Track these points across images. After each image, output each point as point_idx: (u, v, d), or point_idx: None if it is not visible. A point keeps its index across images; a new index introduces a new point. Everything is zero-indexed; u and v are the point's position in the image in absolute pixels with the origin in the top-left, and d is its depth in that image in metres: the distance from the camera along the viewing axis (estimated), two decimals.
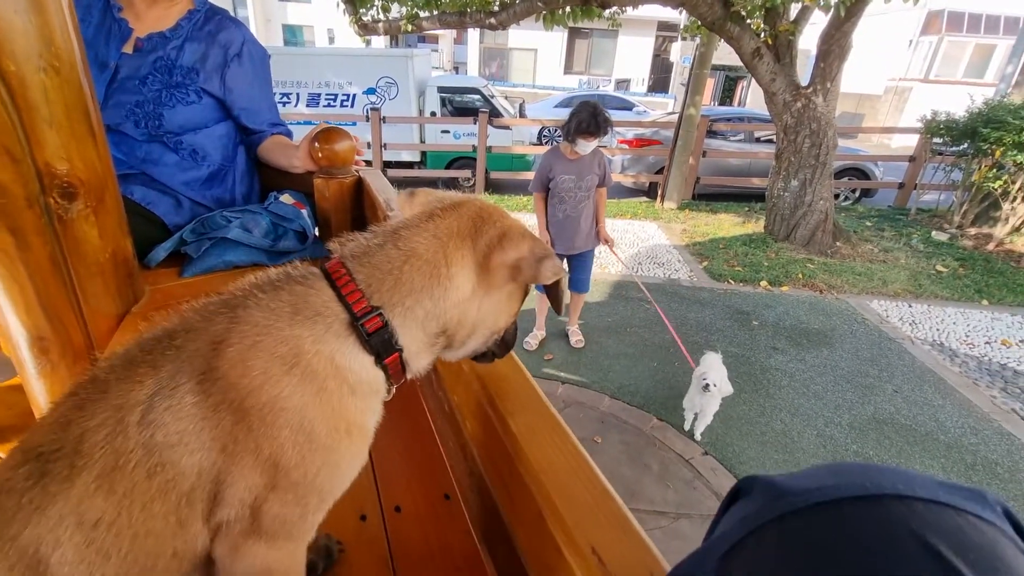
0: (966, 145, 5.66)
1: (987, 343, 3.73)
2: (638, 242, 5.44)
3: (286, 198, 1.37)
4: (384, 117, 6.55)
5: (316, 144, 1.28)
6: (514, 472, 0.45)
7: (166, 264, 1.25)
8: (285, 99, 7.00)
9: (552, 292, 0.57)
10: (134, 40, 1.21)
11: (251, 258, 1.29)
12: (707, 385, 2.42)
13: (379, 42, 16.57)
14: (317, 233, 1.41)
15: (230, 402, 0.41)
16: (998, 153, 5.14)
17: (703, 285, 4.43)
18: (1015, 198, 5.29)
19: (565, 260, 3.13)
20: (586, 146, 2.74)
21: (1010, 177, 5.23)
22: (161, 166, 1.26)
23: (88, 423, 0.40)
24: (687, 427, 2.66)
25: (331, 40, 19.02)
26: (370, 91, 7.06)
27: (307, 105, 7.04)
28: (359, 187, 1.38)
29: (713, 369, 2.51)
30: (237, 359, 0.41)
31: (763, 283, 4.44)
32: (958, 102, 6.11)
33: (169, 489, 0.40)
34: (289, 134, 1.48)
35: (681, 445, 2.58)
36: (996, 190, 5.38)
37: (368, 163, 6.93)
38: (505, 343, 0.57)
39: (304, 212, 1.36)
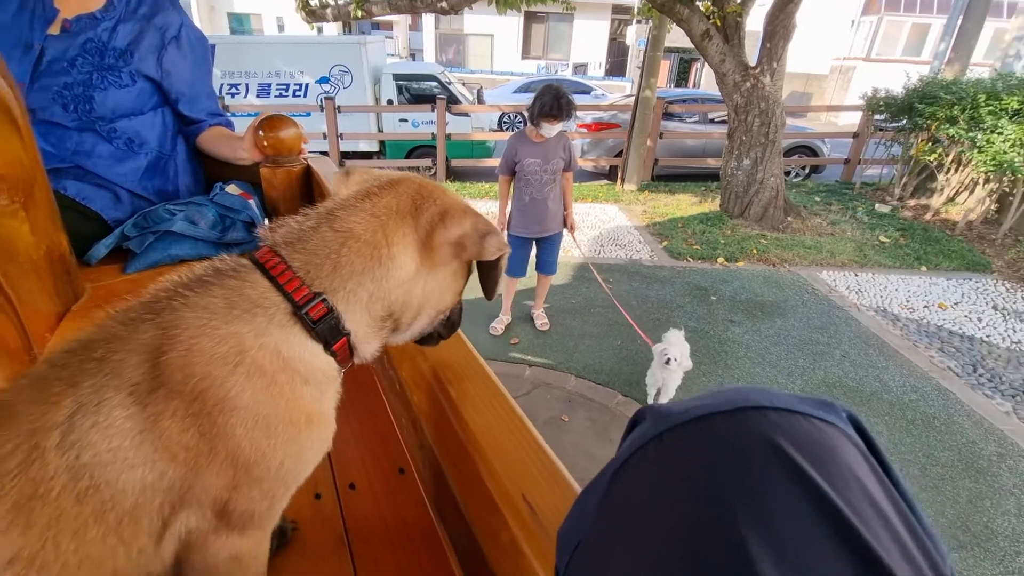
0: (904, 121, 5.95)
1: (925, 307, 3.98)
2: (600, 224, 5.52)
3: (232, 188, 1.33)
4: (339, 107, 6.38)
5: (261, 132, 1.25)
6: (455, 437, 0.47)
7: (108, 261, 1.21)
8: (234, 90, 6.73)
9: (490, 270, 0.55)
10: (60, 21, 1.14)
11: (198, 251, 1.25)
12: (668, 360, 2.50)
13: (331, 30, 16.05)
14: (267, 223, 1.38)
15: (172, 411, 0.38)
16: (933, 127, 5.43)
17: (663, 264, 4.55)
18: (949, 170, 5.61)
19: (533, 243, 3.16)
20: (550, 129, 2.76)
21: (944, 150, 5.53)
22: (95, 158, 1.20)
23: None
24: (650, 402, 2.75)
25: (280, 28, 18.30)
26: (323, 80, 6.86)
27: (257, 96, 6.80)
28: (308, 175, 1.36)
29: (674, 345, 2.59)
30: (174, 366, 0.39)
31: (720, 260, 4.59)
32: (897, 80, 6.41)
33: (106, 511, 0.38)
34: (230, 125, 1.43)
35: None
36: (932, 163, 5.69)
37: (324, 154, 6.76)
38: (451, 323, 0.56)
39: (252, 202, 1.33)
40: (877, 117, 6.39)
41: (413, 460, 0.66)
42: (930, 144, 5.66)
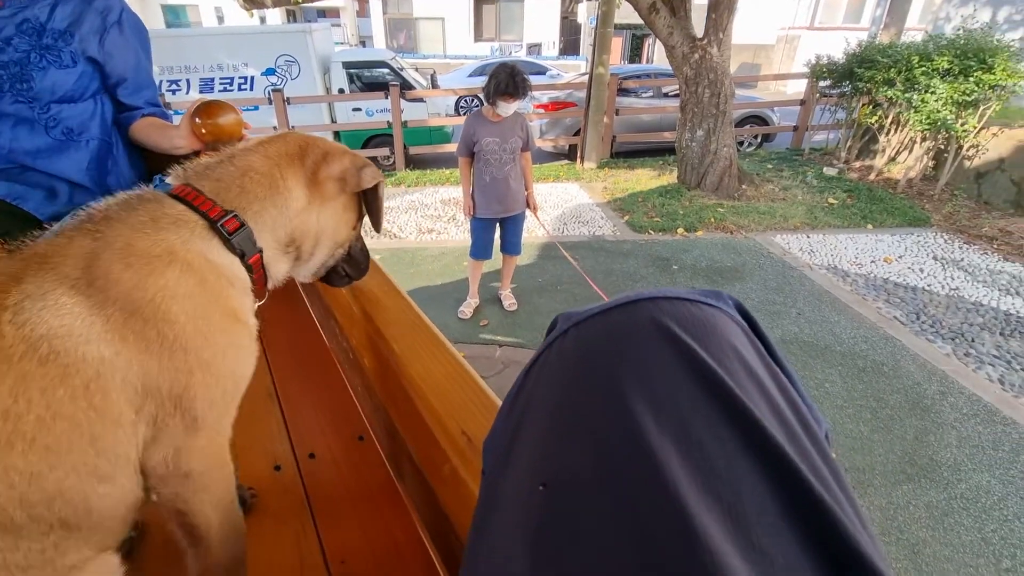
0: (846, 86, 6.17)
1: (872, 262, 4.18)
2: (562, 203, 5.56)
3: (172, 179, 1.29)
4: (288, 98, 6.19)
5: (198, 120, 1.21)
6: (402, 390, 0.49)
7: None
8: (175, 87, 6.43)
9: (372, 200, 0.63)
10: None
11: None
12: None
13: (275, 19, 15.43)
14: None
15: (115, 299, 0.43)
16: (873, 90, 5.66)
17: (626, 238, 4.63)
18: (889, 131, 5.87)
19: (497, 224, 3.16)
20: (507, 107, 2.75)
21: (884, 112, 5.78)
22: (35, 152, 1.15)
23: None
24: None
25: (220, 20, 17.48)
26: (269, 71, 6.62)
27: (200, 91, 6.51)
28: None
29: None
30: (114, 260, 0.44)
31: (680, 230, 4.70)
32: (840, 47, 6.63)
33: (71, 374, 0.41)
34: (166, 116, 1.38)
35: None
36: (873, 125, 5.94)
37: None
38: (354, 261, 0.63)
39: None
40: (822, 83, 6.61)
41: (371, 426, 0.67)
42: (871, 107, 5.89)
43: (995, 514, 2.06)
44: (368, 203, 0.64)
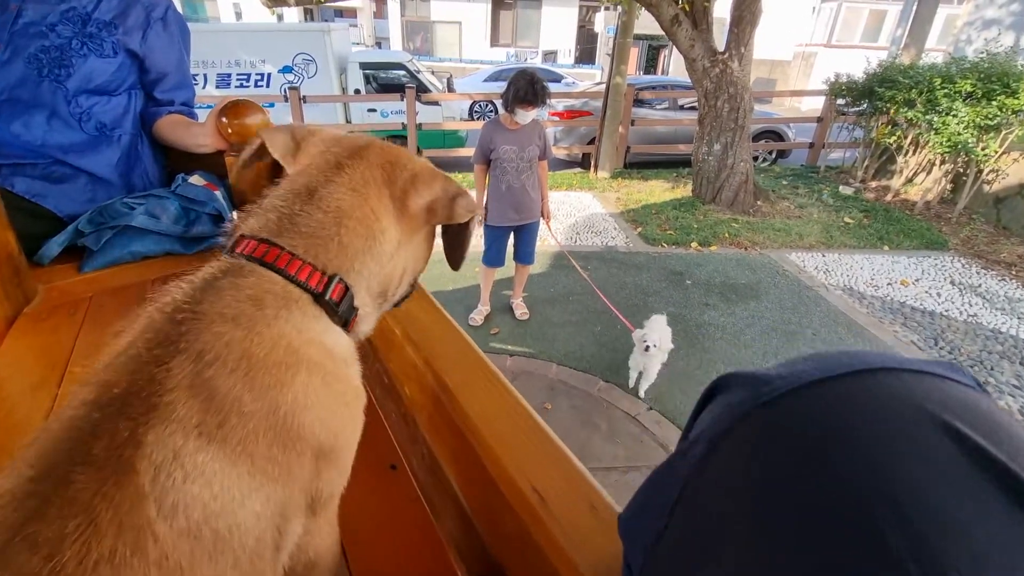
0: (865, 104, 6.12)
1: (889, 284, 4.12)
2: (575, 212, 5.53)
3: (196, 179, 1.26)
4: (304, 97, 6.19)
5: (224, 119, 1.18)
6: (454, 429, 0.45)
7: (62, 259, 1.13)
8: (192, 81, 6.45)
9: (459, 235, 0.54)
10: None
11: (162, 247, 1.19)
12: (648, 347, 2.52)
13: (292, 17, 15.54)
14: (235, 215, 1.32)
15: (252, 433, 0.35)
16: (892, 111, 5.60)
17: (639, 250, 4.58)
18: (907, 152, 5.80)
19: (512, 233, 3.13)
20: (525, 115, 2.73)
21: (903, 133, 5.72)
22: (66, 148, 1.13)
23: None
24: (631, 385, 2.77)
25: (238, 15, 17.63)
26: (286, 69, 6.64)
27: (217, 87, 6.54)
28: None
29: (655, 330, 2.61)
30: (237, 384, 0.35)
31: (694, 244, 4.65)
32: (857, 66, 6.58)
33: (238, 556, 0.34)
34: (193, 116, 1.36)
35: (627, 403, 2.69)
36: (892, 145, 5.88)
37: None
38: (414, 284, 0.57)
39: (218, 194, 1.26)
40: (839, 101, 6.56)
41: (405, 455, 0.63)
42: (890, 127, 5.84)
43: None
44: (451, 236, 0.54)
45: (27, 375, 0.80)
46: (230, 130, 1.20)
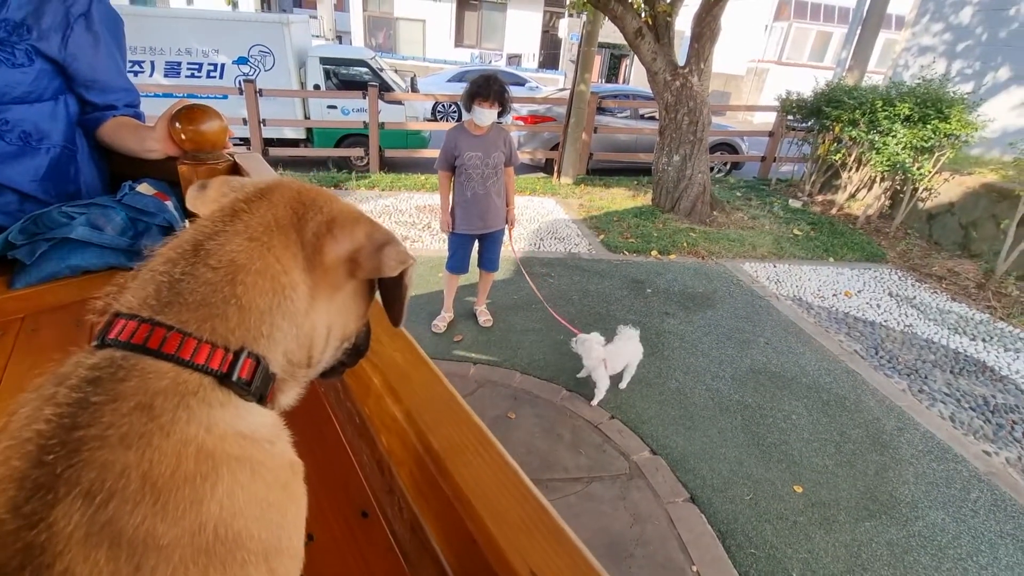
0: (813, 122, 6.44)
1: (834, 295, 4.34)
2: (538, 218, 5.55)
3: (145, 188, 1.17)
4: (260, 90, 5.94)
5: (178, 125, 1.10)
6: (438, 492, 0.42)
7: None
8: (137, 68, 6.06)
9: (393, 289, 0.45)
10: None
11: (104, 260, 1.09)
12: (580, 342, 2.73)
13: (248, 6, 14.92)
14: (187, 225, 1.24)
15: (181, 567, 0.30)
16: (837, 129, 5.92)
17: (601, 257, 4.65)
18: (851, 168, 6.15)
19: (476, 240, 3.10)
20: (482, 114, 2.70)
21: (847, 150, 6.05)
22: None
23: None
24: (594, 402, 2.81)
25: (189, 1, 16.75)
26: (241, 61, 6.35)
27: (165, 75, 6.18)
28: (234, 172, 1.23)
29: (623, 337, 2.79)
30: (144, 524, 0.29)
31: (654, 252, 4.76)
32: (806, 83, 6.92)
33: None
34: (139, 117, 1.25)
35: (589, 413, 2.71)
36: (837, 161, 6.21)
37: (244, 140, 6.27)
38: (357, 350, 0.49)
39: (169, 204, 1.18)
40: (789, 117, 6.88)
41: (379, 504, 0.60)
42: (835, 144, 6.17)
43: (950, 552, 2.13)
44: (386, 290, 0.46)
45: None
46: (183, 136, 1.12)
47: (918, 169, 5.35)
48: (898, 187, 5.81)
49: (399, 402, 0.48)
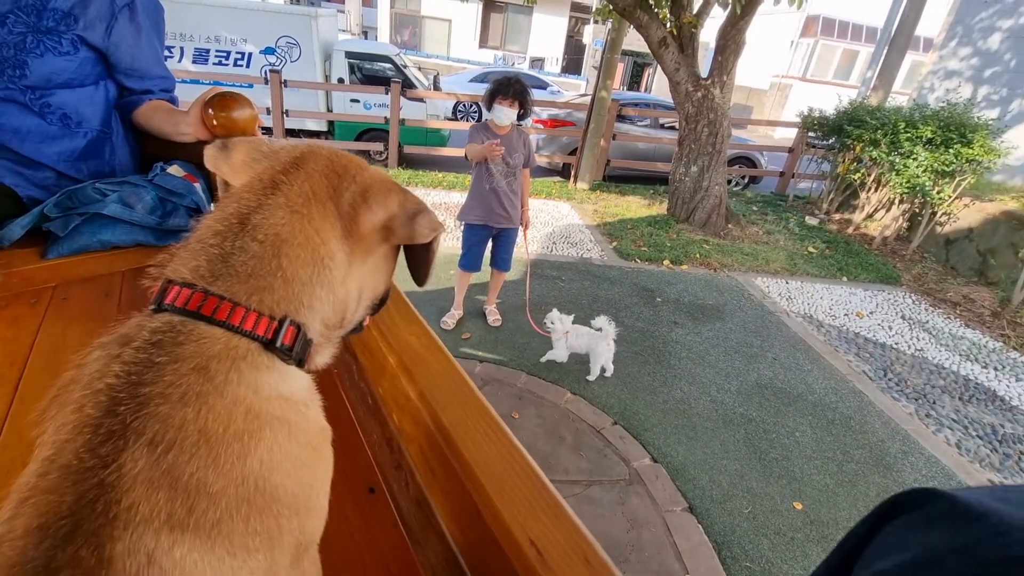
0: (834, 140, 6.40)
1: (845, 315, 4.31)
2: (552, 222, 5.57)
3: (175, 170, 1.22)
4: (285, 81, 6.03)
5: (211, 111, 1.14)
6: (447, 467, 0.45)
7: (23, 243, 1.07)
8: (167, 53, 6.19)
9: (422, 253, 0.48)
10: None
11: (133, 237, 1.14)
12: (550, 323, 2.92)
13: None
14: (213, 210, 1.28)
15: (226, 513, 0.33)
16: (858, 148, 5.88)
17: (613, 264, 4.66)
18: (870, 188, 6.09)
19: (490, 239, 3.13)
20: (502, 113, 2.74)
21: (867, 170, 6.00)
22: (22, 135, 1.05)
23: None
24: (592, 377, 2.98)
25: None
26: (269, 51, 6.46)
27: (193, 62, 6.30)
28: None
29: (598, 324, 2.95)
30: (200, 467, 0.32)
31: (666, 262, 4.76)
32: (829, 100, 6.87)
33: None
34: (174, 101, 1.30)
35: (593, 417, 2.72)
36: (856, 181, 6.16)
37: (268, 130, 6.37)
38: (381, 303, 0.52)
39: (198, 186, 1.22)
40: (810, 134, 6.84)
41: (385, 480, 0.63)
42: (855, 163, 6.12)
43: None
44: (414, 255, 0.49)
45: None
46: (215, 122, 1.16)
47: (938, 193, 5.29)
48: (917, 210, 5.75)
49: (413, 382, 0.51)
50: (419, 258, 0.49)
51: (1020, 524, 0.21)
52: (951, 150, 5.16)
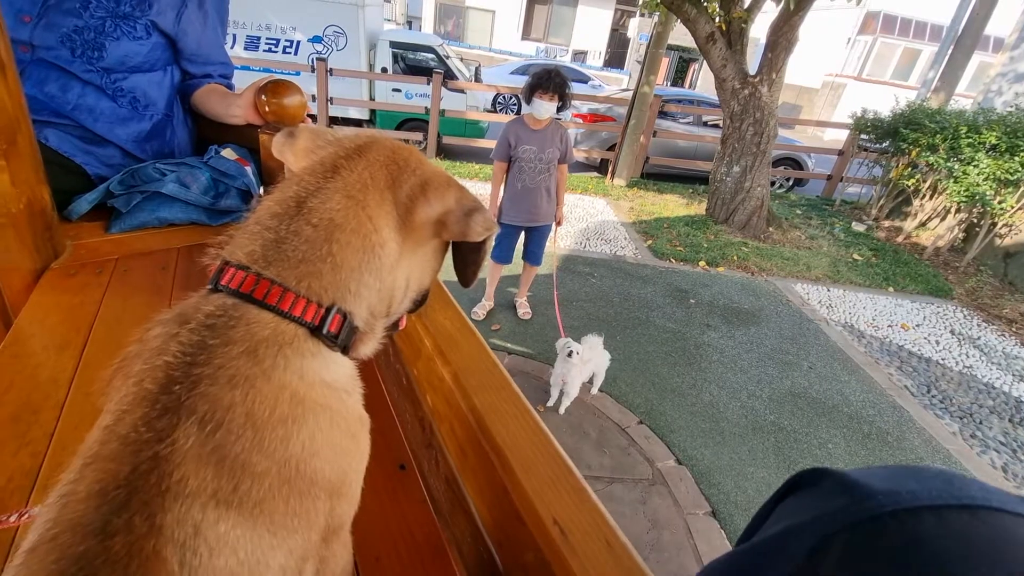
0: (888, 143, 6.11)
1: (889, 326, 4.14)
2: (587, 217, 5.53)
3: (228, 153, 1.28)
4: (331, 69, 6.17)
5: (264, 97, 1.19)
6: (477, 447, 0.47)
7: (89, 217, 1.15)
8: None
9: (472, 252, 0.49)
10: None
11: (188, 216, 1.20)
12: (571, 352, 2.47)
13: None
14: (263, 192, 1.34)
15: (268, 492, 0.35)
16: (914, 153, 5.60)
17: (646, 263, 4.60)
18: (924, 195, 5.80)
19: (522, 232, 3.14)
20: (542, 107, 2.72)
21: (922, 176, 5.71)
22: (97, 115, 1.13)
23: None
24: (550, 403, 2.70)
25: None
26: (316, 39, 6.61)
27: (245, 48, 6.51)
28: None
29: (589, 348, 2.57)
30: (246, 446, 0.34)
31: (702, 263, 4.66)
32: (885, 102, 6.55)
33: None
34: (230, 86, 1.37)
35: (618, 415, 2.71)
36: (909, 187, 5.88)
37: (313, 117, 6.54)
38: (423, 299, 0.52)
39: (249, 169, 1.28)
40: (863, 137, 6.55)
41: (415, 457, 0.65)
42: (909, 169, 5.83)
43: None
44: (464, 252, 0.49)
45: (52, 334, 0.82)
46: (267, 108, 1.21)
47: (999, 203, 4.99)
48: (975, 220, 5.44)
49: (448, 364, 0.53)
50: (468, 257, 0.50)
51: (883, 490, 0.24)
52: (1017, 158, 4.86)
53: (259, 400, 0.35)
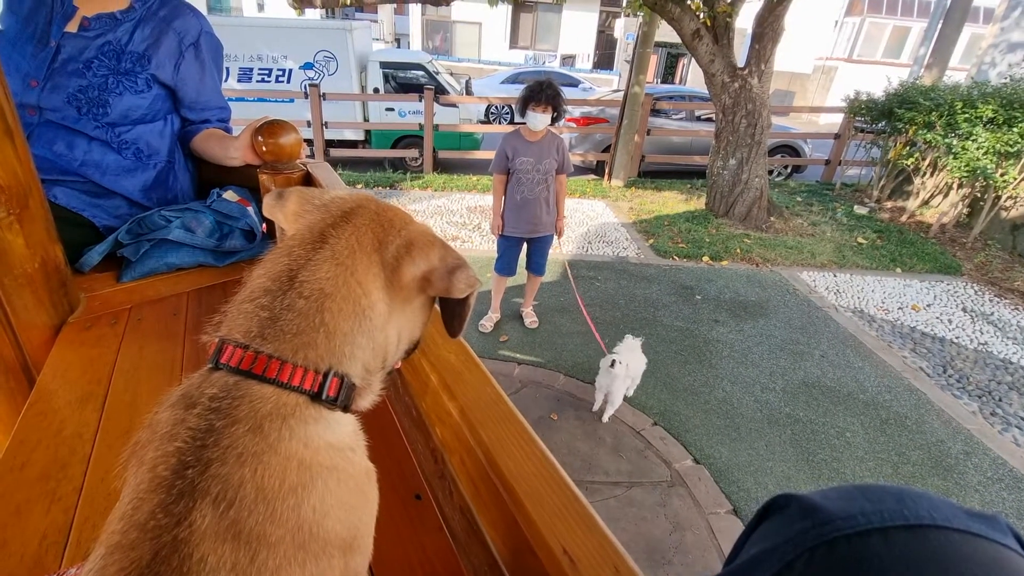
0: (884, 124, 6.09)
1: (900, 308, 4.11)
2: (587, 221, 5.55)
3: (230, 195, 1.31)
4: (324, 94, 6.26)
5: (260, 138, 1.23)
6: (486, 480, 0.48)
7: (100, 268, 1.19)
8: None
9: (456, 307, 0.51)
10: (79, 19, 1.11)
11: (195, 259, 1.24)
12: (613, 362, 2.48)
13: (314, 12, 15.63)
14: (265, 229, 1.37)
15: (284, 560, 0.36)
16: (911, 132, 5.57)
17: (650, 262, 4.60)
18: (925, 173, 5.77)
19: (524, 244, 3.17)
20: (536, 119, 2.76)
21: (921, 154, 5.69)
22: (103, 168, 1.17)
23: None
24: (595, 408, 2.72)
25: (260, 8, 17.76)
26: (307, 66, 6.71)
27: (239, 80, 6.62)
28: (307, 181, 1.35)
29: (626, 351, 2.59)
30: (259, 525, 0.36)
31: (705, 258, 4.66)
32: (878, 82, 6.53)
33: None
34: (228, 130, 1.41)
35: (632, 418, 2.72)
36: (909, 166, 5.85)
37: (308, 142, 6.62)
38: (415, 347, 0.55)
39: (250, 209, 1.31)
40: (858, 119, 6.53)
41: (430, 487, 0.67)
42: (908, 148, 5.80)
43: None
44: (449, 308, 0.52)
45: (74, 388, 0.85)
46: (264, 148, 1.25)
47: (1002, 176, 4.96)
48: (978, 194, 5.40)
49: (454, 399, 0.55)
50: (454, 311, 0.52)
51: (840, 514, 0.26)
52: (1015, 129, 4.82)
53: (268, 473, 0.37)
